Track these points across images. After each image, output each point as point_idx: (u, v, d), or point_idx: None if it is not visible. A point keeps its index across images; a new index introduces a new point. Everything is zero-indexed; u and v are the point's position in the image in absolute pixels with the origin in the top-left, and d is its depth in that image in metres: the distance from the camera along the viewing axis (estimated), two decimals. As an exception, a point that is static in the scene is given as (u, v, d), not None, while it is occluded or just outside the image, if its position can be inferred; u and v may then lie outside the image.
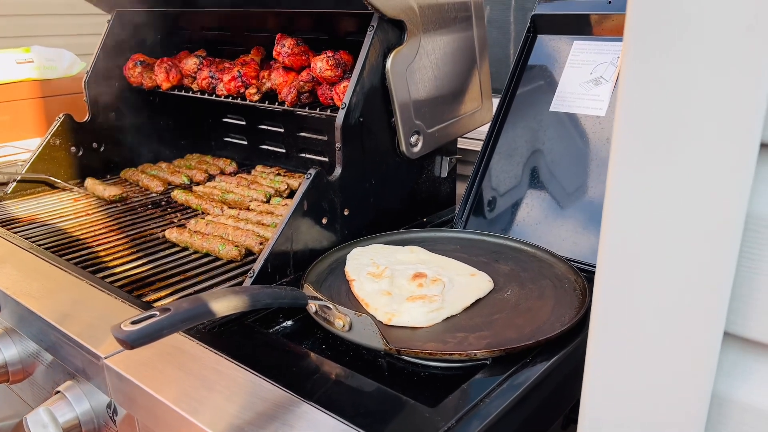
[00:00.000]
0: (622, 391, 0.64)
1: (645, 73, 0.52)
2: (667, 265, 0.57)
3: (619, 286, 0.61)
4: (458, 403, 0.77)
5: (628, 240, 0.59)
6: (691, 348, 0.58)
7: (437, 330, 0.92)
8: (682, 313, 0.57)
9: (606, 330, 0.63)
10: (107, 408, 0.95)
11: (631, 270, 0.59)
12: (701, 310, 0.56)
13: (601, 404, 0.66)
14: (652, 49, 0.51)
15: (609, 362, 0.64)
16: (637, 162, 0.56)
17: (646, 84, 0.52)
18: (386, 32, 1.18)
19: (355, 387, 0.82)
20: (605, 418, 0.65)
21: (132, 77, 1.72)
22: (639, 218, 0.58)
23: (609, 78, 1.25)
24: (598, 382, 0.65)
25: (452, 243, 1.21)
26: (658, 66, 0.51)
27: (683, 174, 0.53)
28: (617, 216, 0.59)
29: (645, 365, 0.61)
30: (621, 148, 0.58)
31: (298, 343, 0.93)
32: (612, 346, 0.63)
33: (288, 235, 1.08)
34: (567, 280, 1.03)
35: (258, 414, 0.76)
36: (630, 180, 0.57)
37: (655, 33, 0.51)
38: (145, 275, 1.17)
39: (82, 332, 0.95)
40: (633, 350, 0.62)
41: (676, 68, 0.49)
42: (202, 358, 0.88)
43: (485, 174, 1.34)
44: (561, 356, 0.87)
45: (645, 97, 0.53)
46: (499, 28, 1.97)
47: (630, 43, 0.52)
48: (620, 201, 0.59)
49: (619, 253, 0.60)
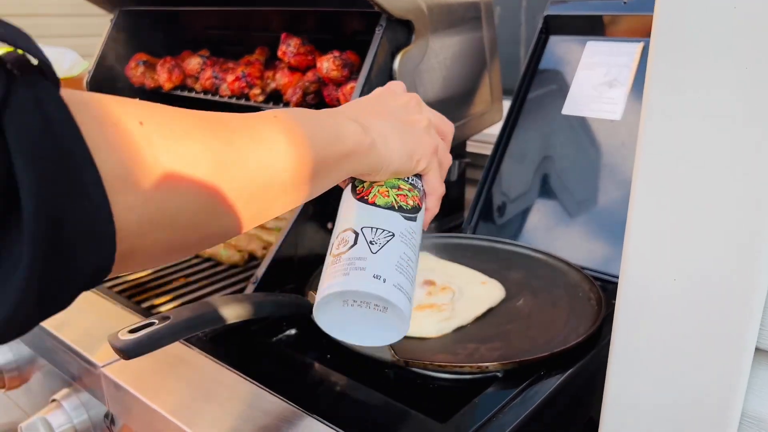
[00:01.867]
0: (645, 409, 0.61)
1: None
2: (695, 276, 0.54)
3: (643, 297, 0.58)
4: (470, 418, 0.74)
5: (654, 250, 0.56)
6: (720, 364, 0.54)
7: (447, 341, 0.88)
8: (711, 327, 0.54)
9: (629, 345, 0.60)
10: (105, 418, 0.91)
11: (656, 281, 0.56)
12: (731, 324, 0.53)
13: (624, 422, 0.63)
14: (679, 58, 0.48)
15: (632, 378, 0.60)
16: (665, 166, 0.53)
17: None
18: (395, 32, 1.15)
19: (362, 400, 0.79)
20: (629, 425, 0.61)
21: (134, 77, 1.69)
22: (665, 228, 0.54)
23: (624, 81, 1.21)
24: (620, 398, 0.61)
25: (461, 249, 1.17)
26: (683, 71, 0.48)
27: (712, 184, 0.50)
28: (642, 226, 0.55)
29: (670, 381, 0.58)
30: (646, 153, 0.55)
31: (303, 352, 0.90)
32: (635, 361, 0.60)
33: (292, 240, 1.05)
34: (581, 289, 1.00)
35: (260, 427, 0.73)
36: (657, 186, 0.54)
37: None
38: (145, 280, 1.14)
39: (78, 339, 0.92)
40: (658, 366, 0.58)
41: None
42: (203, 367, 0.84)
43: (495, 178, 1.31)
44: (576, 369, 0.84)
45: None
46: (510, 29, 1.94)
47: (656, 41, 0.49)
48: (646, 210, 0.55)
49: (645, 263, 0.57)
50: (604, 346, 0.88)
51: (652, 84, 0.51)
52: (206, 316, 0.72)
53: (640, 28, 1.22)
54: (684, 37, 0.48)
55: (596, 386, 0.94)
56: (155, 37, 1.78)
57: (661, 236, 0.53)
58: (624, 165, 1.16)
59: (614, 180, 1.16)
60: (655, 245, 0.54)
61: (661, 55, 0.49)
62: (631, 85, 1.19)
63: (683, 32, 0.48)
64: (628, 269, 0.56)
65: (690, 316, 0.53)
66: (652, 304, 0.55)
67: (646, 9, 1.21)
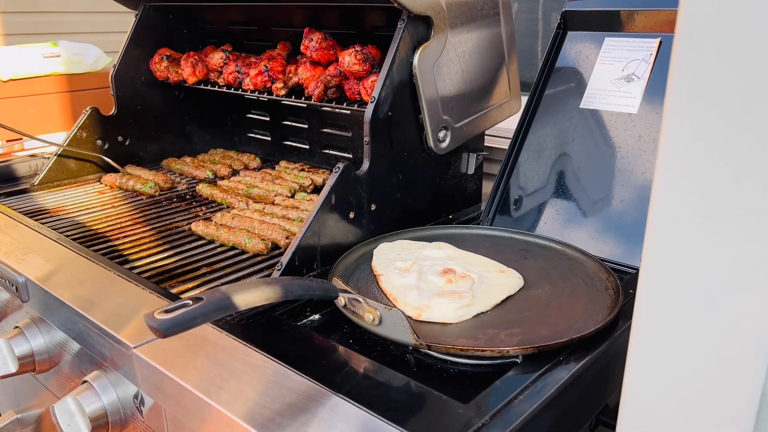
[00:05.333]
0: (666, 384, 0.62)
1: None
2: (716, 257, 0.55)
3: (664, 279, 0.59)
4: (491, 399, 0.76)
5: (676, 233, 0.58)
6: (741, 343, 0.56)
7: (467, 326, 0.90)
8: (732, 305, 0.55)
9: (650, 324, 0.61)
10: (134, 398, 0.95)
11: (678, 262, 0.57)
12: (752, 301, 0.54)
13: (644, 398, 0.64)
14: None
15: (654, 356, 0.62)
16: (686, 157, 0.54)
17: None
18: (416, 27, 1.17)
19: (385, 381, 0.81)
20: (648, 411, 0.63)
21: (158, 71, 1.72)
22: (686, 214, 0.56)
23: (641, 75, 1.22)
24: (641, 375, 0.63)
25: (480, 240, 1.19)
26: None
27: (733, 171, 0.51)
28: (663, 213, 0.57)
29: (692, 359, 0.59)
30: (669, 148, 0.56)
31: (326, 336, 0.93)
32: (657, 340, 0.61)
33: (315, 229, 1.08)
34: (598, 279, 1.02)
35: (287, 405, 0.75)
36: (678, 175, 0.55)
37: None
38: (171, 267, 1.17)
39: (110, 321, 0.95)
40: (679, 344, 0.60)
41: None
42: (231, 349, 0.87)
43: (513, 171, 1.33)
44: (594, 356, 0.85)
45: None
46: (527, 24, 1.95)
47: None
48: (667, 197, 0.57)
49: (667, 247, 0.58)
50: (622, 333, 0.90)
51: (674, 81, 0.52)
52: (237, 297, 0.75)
53: (658, 23, 1.24)
54: (706, 35, 0.49)
55: (612, 373, 0.96)
56: (179, 32, 1.82)
57: (683, 222, 0.55)
58: (641, 158, 1.17)
59: (631, 173, 1.18)
60: (676, 228, 0.55)
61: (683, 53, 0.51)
62: (648, 80, 1.21)
63: (706, 30, 0.49)
64: (650, 249, 0.57)
65: (709, 294, 0.54)
66: (672, 286, 0.57)
67: (663, 4, 1.22)
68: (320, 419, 0.73)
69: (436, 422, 0.72)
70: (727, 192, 0.52)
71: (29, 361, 1.15)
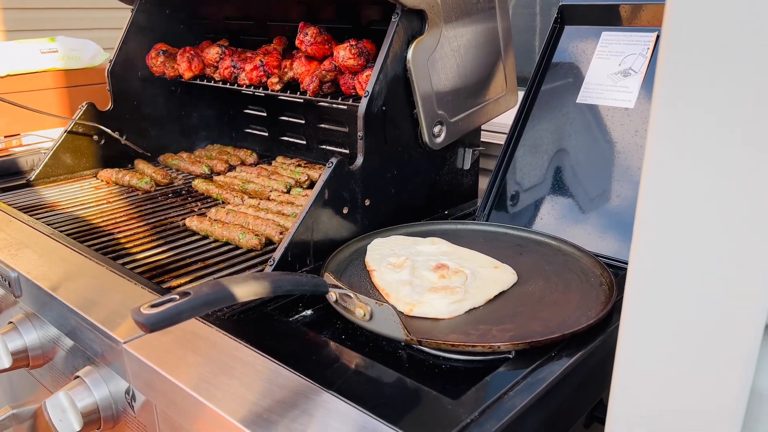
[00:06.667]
0: (655, 381, 0.62)
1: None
2: (704, 252, 0.54)
3: (654, 276, 0.58)
4: (481, 395, 0.75)
5: (664, 227, 0.57)
6: (730, 340, 0.55)
7: (459, 322, 0.90)
8: (721, 303, 0.55)
9: (639, 320, 0.61)
10: (126, 394, 0.94)
11: (667, 257, 0.57)
12: (741, 300, 0.54)
13: (633, 396, 0.64)
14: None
15: (642, 353, 0.61)
16: (674, 151, 0.53)
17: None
18: (410, 20, 1.16)
19: (375, 377, 0.81)
20: (637, 409, 0.62)
21: (154, 66, 1.72)
22: (674, 206, 0.55)
23: (638, 69, 1.21)
24: (630, 372, 0.63)
25: (475, 235, 1.19)
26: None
27: (717, 163, 0.50)
28: (652, 205, 0.56)
29: (680, 356, 0.59)
30: (656, 144, 0.55)
31: (318, 332, 0.92)
32: (645, 336, 0.61)
33: (308, 224, 1.07)
34: (593, 275, 1.01)
35: (277, 401, 0.75)
36: (666, 166, 0.55)
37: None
38: (165, 262, 1.17)
39: (102, 317, 0.95)
40: (668, 342, 0.59)
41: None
42: (222, 344, 0.87)
43: (509, 166, 1.32)
44: (586, 351, 0.85)
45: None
46: (524, 18, 1.94)
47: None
48: (656, 190, 0.56)
49: (655, 241, 0.58)
50: (615, 329, 0.89)
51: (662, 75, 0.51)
52: (225, 292, 0.74)
53: (655, 17, 1.23)
54: (693, 29, 0.48)
55: (607, 368, 0.95)
56: (175, 27, 1.81)
57: (671, 214, 0.54)
58: (638, 153, 1.16)
59: (628, 168, 1.17)
60: (664, 222, 0.55)
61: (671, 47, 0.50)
62: (645, 74, 1.20)
63: (693, 25, 0.48)
64: (639, 243, 0.57)
65: (698, 291, 0.54)
66: (661, 282, 0.56)
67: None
68: (311, 416, 0.73)
69: (427, 418, 0.72)
70: (715, 187, 0.51)
71: (23, 356, 1.15)
